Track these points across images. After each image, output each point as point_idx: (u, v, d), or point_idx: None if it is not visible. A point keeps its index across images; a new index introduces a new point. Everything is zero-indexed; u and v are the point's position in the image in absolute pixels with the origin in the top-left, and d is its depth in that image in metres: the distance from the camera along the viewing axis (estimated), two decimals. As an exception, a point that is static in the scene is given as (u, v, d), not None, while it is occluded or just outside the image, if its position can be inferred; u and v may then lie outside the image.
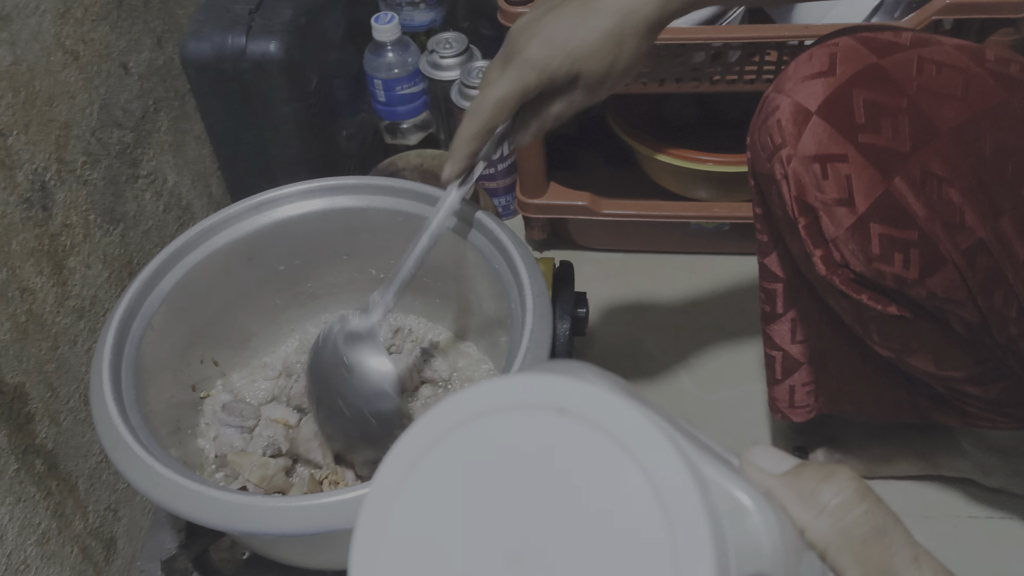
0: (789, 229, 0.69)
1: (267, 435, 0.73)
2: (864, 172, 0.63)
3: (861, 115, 0.63)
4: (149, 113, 0.91)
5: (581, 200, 1.17)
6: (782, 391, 0.87)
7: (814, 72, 0.65)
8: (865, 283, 0.67)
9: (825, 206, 0.65)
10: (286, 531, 0.54)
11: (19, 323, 0.72)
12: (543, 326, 0.63)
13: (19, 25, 0.71)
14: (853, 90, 0.63)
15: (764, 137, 0.68)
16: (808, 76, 0.65)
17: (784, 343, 0.83)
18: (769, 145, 0.67)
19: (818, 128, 0.64)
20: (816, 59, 0.66)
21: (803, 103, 0.65)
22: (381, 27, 1.15)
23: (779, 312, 0.81)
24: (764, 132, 0.68)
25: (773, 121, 0.66)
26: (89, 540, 0.81)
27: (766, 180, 0.69)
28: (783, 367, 0.84)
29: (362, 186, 0.75)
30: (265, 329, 0.79)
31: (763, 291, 0.81)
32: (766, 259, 0.78)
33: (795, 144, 0.65)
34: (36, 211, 0.74)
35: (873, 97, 0.63)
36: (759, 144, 0.69)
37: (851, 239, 0.65)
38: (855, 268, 0.66)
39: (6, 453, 0.70)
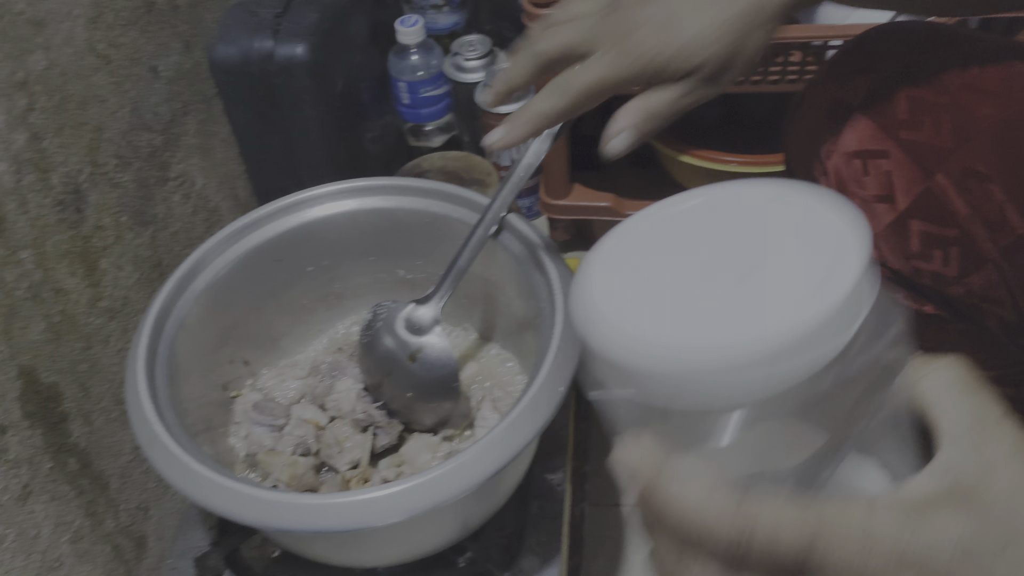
0: None
1: (297, 434, 0.73)
2: (905, 169, 0.62)
3: (904, 111, 0.63)
4: (177, 116, 0.92)
5: (605, 201, 1.17)
6: None
7: (855, 68, 0.65)
8: (901, 281, 0.66)
9: (865, 203, 0.64)
10: (320, 528, 0.55)
11: (53, 323, 0.73)
12: (573, 326, 0.63)
13: (52, 30, 0.72)
14: (895, 86, 0.63)
15: (802, 133, 0.68)
16: (849, 71, 0.65)
17: None
18: (806, 141, 0.67)
19: (859, 124, 0.63)
20: (857, 55, 0.66)
21: (844, 99, 0.64)
22: (405, 30, 1.16)
23: None
24: (802, 128, 0.68)
25: (811, 117, 0.66)
26: (120, 538, 0.82)
27: (803, 178, 0.69)
28: None
29: (390, 187, 0.75)
30: (294, 329, 0.80)
31: None
32: None
33: (835, 140, 0.64)
34: (69, 213, 0.75)
35: (915, 93, 0.62)
36: (796, 140, 0.69)
37: (891, 236, 0.64)
38: (893, 266, 0.65)
39: (41, 452, 0.71)
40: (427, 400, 0.73)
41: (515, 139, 0.59)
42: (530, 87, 0.61)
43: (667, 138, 1.14)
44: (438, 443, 0.73)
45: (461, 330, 0.82)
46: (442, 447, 0.73)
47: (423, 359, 0.71)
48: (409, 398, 0.73)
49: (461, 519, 0.66)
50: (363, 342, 0.74)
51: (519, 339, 0.77)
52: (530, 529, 0.72)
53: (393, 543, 0.65)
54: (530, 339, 0.73)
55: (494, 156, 1.21)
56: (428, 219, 0.75)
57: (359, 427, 0.74)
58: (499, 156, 1.22)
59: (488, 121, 1.18)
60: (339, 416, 0.75)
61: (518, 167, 0.68)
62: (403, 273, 0.80)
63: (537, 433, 0.58)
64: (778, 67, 0.99)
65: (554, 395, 0.59)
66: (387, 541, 0.64)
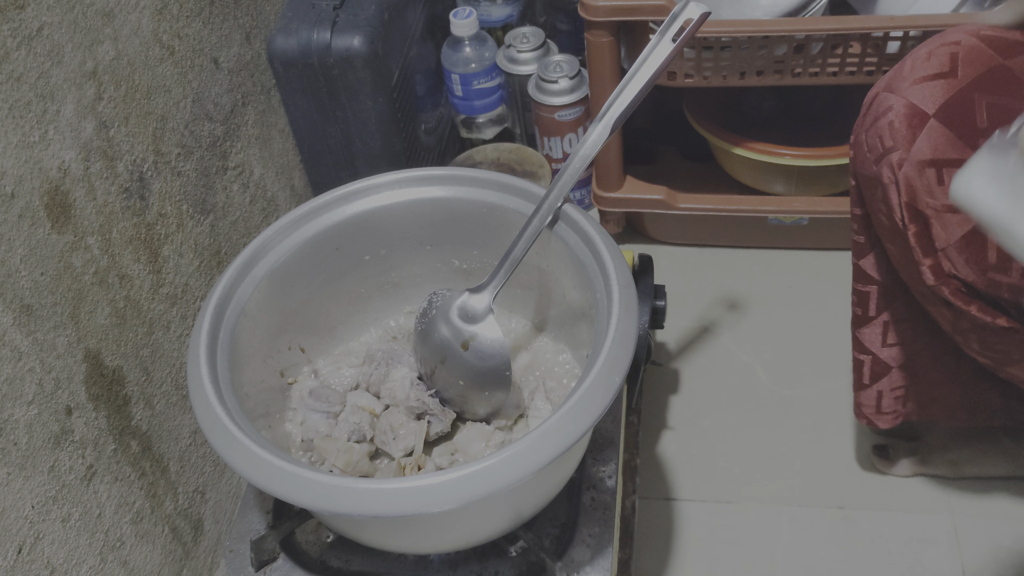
0: (892, 235, 0.67)
1: (352, 421, 0.74)
2: None
3: (983, 119, 0.60)
4: (238, 107, 0.94)
5: (657, 194, 1.16)
6: (869, 396, 0.85)
7: (933, 73, 0.63)
8: (975, 294, 0.64)
9: (937, 213, 0.62)
10: (377, 512, 0.55)
11: (118, 308, 0.74)
12: (629, 316, 0.63)
13: (121, 21, 0.73)
14: (976, 93, 0.61)
15: (872, 139, 0.66)
16: (926, 77, 0.63)
17: (874, 347, 0.81)
18: (878, 147, 0.65)
19: (935, 132, 0.61)
20: (935, 59, 0.63)
21: (919, 105, 0.62)
22: (459, 22, 1.16)
23: (871, 315, 0.79)
24: (873, 133, 0.66)
25: (884, 122, 0.64)
26: (179, 520, 0.84)
27: (870, 182, 0.67)
28: (871, 372, 0.83)
29: (447, 177, 0.76)
30: (351, 317, 0.81)
31: (856, 293, 0.79)
32: (861, 261, 0.76)
33: (908, 148, 0.62)
34: (135, 200, 0.76)
35: (997, 100, 0.60)
36: (866, 145, 0.67)
37: (965, 248, 0.62)
38: (966, 278, 0.63)
39: (105, 433, 0.73)
40: (480, 388, 0.73)
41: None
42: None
43: (721, 131, 1.13)
44: (491, 432, 0.73)
45: (515, 320, 0.83)
46: (495, 436, 0.73)
47: (476, 347, 0.72)
48: (462, 386, 0.73)
49: (514, 508, 0.66)
50: (418, 330, 0.75)
51: (573, 330, 0.77)
52: (582, 520, 0.73)
53: (446, 530, 0.65)
54: (584, 330, 0.73)
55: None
56: (484, 209, 0.75)
57: (413, 415, 0.74)
58: (551, 148, 1.22)
59: (540, 113, 1.18)
60: (393, 404, 0.76)
61: (575, 157, 0.68)
62: (458, 263, 0.80)
63: (592, 424, 0.58)
64: (836, 59, 0.98)
65: (610, 386, 0.59)
66: (441, 528, 0.65)
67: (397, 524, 0.62)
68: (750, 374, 1.11)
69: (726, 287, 1.21)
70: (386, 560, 0.72)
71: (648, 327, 0.93)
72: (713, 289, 1.21)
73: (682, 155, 1.27)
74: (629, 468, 0.96)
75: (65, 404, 0.68)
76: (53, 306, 0.66)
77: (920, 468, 0.98)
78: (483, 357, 0.72)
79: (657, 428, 1.07)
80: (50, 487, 0.67)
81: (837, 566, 0.94)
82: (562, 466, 0.68)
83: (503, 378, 0.72)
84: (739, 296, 1.20)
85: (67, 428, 0.68)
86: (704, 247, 1.25)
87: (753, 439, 1.05)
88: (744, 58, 0.99)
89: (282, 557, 0.72)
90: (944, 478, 0.98)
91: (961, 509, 0.96)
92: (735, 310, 1.18)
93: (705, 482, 1.02)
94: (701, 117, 1.15)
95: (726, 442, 1.05)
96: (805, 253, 1.23)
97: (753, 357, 1.12)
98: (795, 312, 1.17)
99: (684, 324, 1.17)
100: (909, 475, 0.98)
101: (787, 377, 1.10)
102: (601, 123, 0.68)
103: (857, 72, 0.98)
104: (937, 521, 0.95)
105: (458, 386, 0.73)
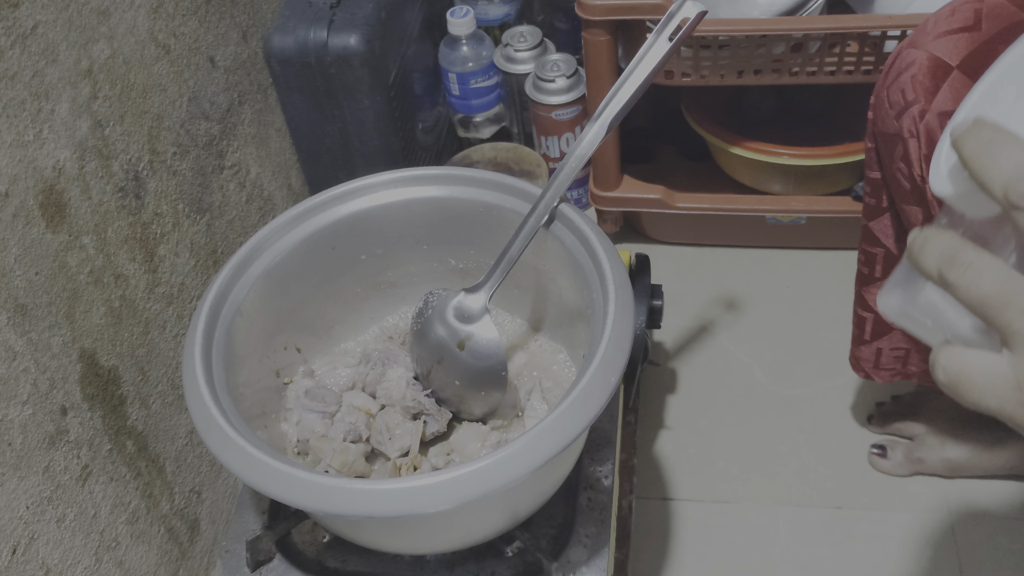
0: (911, 193, 0.67)
1: (348, 421, 0.74)
2: None
3: None
4: (234, 106, 0.94)
5: (655, 193, 1.16)
6: (869, 351, 0.85)
7: (957, 27, 0.63)
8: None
9: None
10: (372, 513, 0.55)
11: (113, 308, 0.74)
12: (625, 316, 0.63)
13: (117, 19, 0.73)
14: (1000, 46, 0.60)
15: (895, 94, 0.65)
16: (950, 31, 0.63)
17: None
18: (900, 101, 0.65)
19: (958, 83, 0.61)
20: (959, 14, 0.63)
21: (943, 57, 0.62)
22: (456, 21, 1.16)
23: (877, 276, 0.79)
24: (896, 88, 0.65)
25: (907, 76, 0.64)
26: (175, 520, 0.84)
27: (890, 140, 0.67)
28: (873, 329, 0.83)
29: (444, 176, 0.75)
30: (347, 317, 0.81)
31: (863, 253, 0.79)
32: (872, 222, 0.76)
33: (930, 99, 0.62)
34: (130, 200, 0.76)
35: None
36: (888, 101, 0.66)
37: None
38: None
39: (100, 433, 0.73)
40: (476, 388, 0.73)
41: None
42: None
43: (719, 130, 1.13)
44: (487, 432, 0.73)
45: (512, 320, 0.82)
46: (491, 436, 0.73)
47: (472, 347, 0.72)
48: (458, 386, 0.73)
49: (511, 508, 0.66)
50: (414, 329, 0.75)
51: (570, 330, 0.77)
52: (579, 520, 0.72)
53: (442, 530, 0.65)
54: (581, 330, 0.73)
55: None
56: (481, 208, 0.75)
57: (409, 415, 0.74)
58: (549, 147, 1.22)
59: (537, 112, 1.18)
60: (389, 404, 0.75)
61: (572, 156, 0.68)
62: (455, 262, 0.80)
63: (588, 424, 0.58)
64: (834, 58, 0.98)
65: (606, 386, 0.59)
66: (436, 528, 0.65)
67: (393, 525, 0.62)
68: (748, 374, 1.11)
69: (724, 287, 1.21)
70: (382, 560, 0.72)
71: (645, 327, 0.93)
72: (711, 289, 1.21)
73: (680, 154, 1.26)
74: (626, 468, 0.95)
75: (60, 404, 0.68)
76: (48, 306, 0.66)
77: (918, 468, 0.98)
78: (479, 357, 0.72)
79: (655, 428, 1.07)
80: (45, 487, 0.67)
81: (834, 566, 0.93)
82: (558, 466, 0.68)
83: (499, 378, 0.72)
84: (737, 296, 1.20)
85: (62, 428, 0.68)
86: (702, 247, 1.25)
87: (751, 439, 1.05)
88: (742, 57, 0.99)
89: (278, 557, 0.72)
90: (942, 478, 0.98)
91: (959, 509, 0.96)
92: (733, 310, 1.18)
93: (703, 482, 1.02)
94: (699, 116, 1.15)
95: (724, 442, 1.05)
96: (803, 252, 1.23)
97: (751, 357, 1.12)
98: (793, 312, 1.17)
99: (682, 324, 1.17)
100: (907, 474, 0.98)
101: (785, 377, 1.10)
102: (597, 123, 0.68)
103: (855, 71, 0.98)
104: (935, 521, 0.95)
105: (454, 386, 0.73)
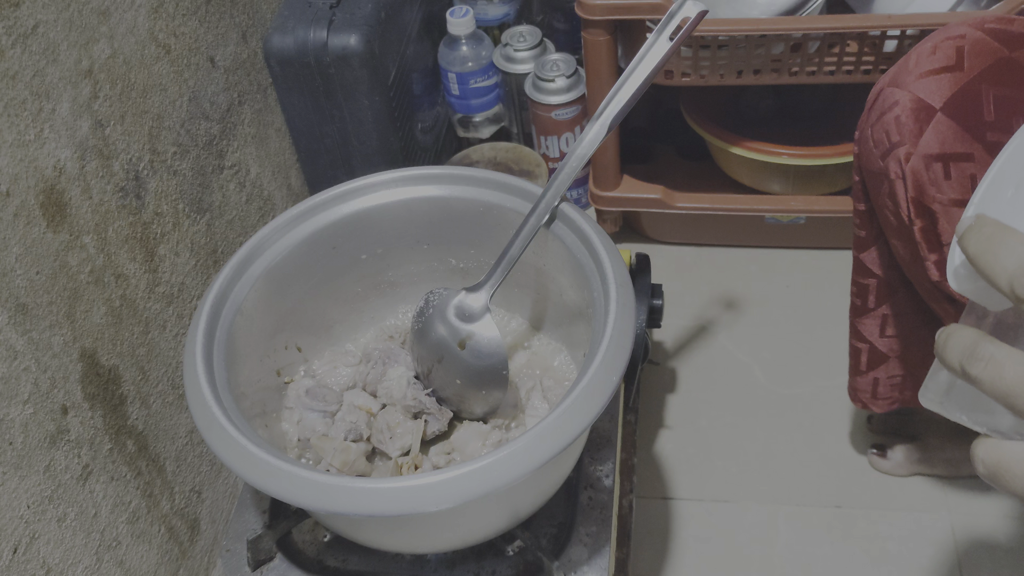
0: (898, 230, 0.67)
1: (349, 420, 0.74)
2: None
3: (991, 112, 0.60)
4: (234, 106, 0.94)
5: (654, 193, 1.16)
6: (865, 382, 0.85)
7: (939, 66, 0.62)
8: None
9: (944, 208, 0.62)
10: (373, 512, 0.55)
11: (114, 307, 0.74)
12: (626, 315, 0.63)
13: (117, 19, 0.73)
14: (983, 86, 0.60)
15: (879, 133, 0.65)
16: (932, 71, 0.62)
17: (872, 337, 0.81)
18: (885, 142, 0.65)
19: (942, 126, 0.61)
20: (941, 52, 0.63)
21: (926, 99, 0.62)
22: (456, 21, 1.16)
23: (870, 307, 0.79)
24: (879, 128, 0.65)
25: (891, 117, 0.64)
26: (175, 520, 0.84)
27: (876, 178, 0.67)
28: (869, 360, 0.83)
29: (444, 176, 0.75)
30: (347, 317, 0.81)
31: (855, 285, 0.79)
32: (862, 255, 0.76)
33: (915, 142, 0.62)
34: (130, 199, 0.76)
35: (1004, 93, 0.60)
36: (872, 140, 0.66)
37: None
38: None
39: (101, 433, 0.73)
40: (476, 387, 0.73)
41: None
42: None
43: (719, 130, 1.13)
44: (488, 431, 0.73)
45: (513, 319, 0.82)
46: (492, 435, 0.73)
47: (472, 346, 0.72)
48: (459, 385, 0.73)
49: (511, 508, 0.66)
50: (415, 328, 0.75)
51: (570, 329, 0.77)
52: (579, 519, 0.72)
53: (443, 529, 0.65)
54: (581, 329, 0.73)
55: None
56: (481, 208, 0.75)
57: (410, 414, 0.74)
58: (548, 147, 1.22)
59: (537, 112, 1.18)
60: (390, 403, 0.75)
61: (572, 156, 0.68)
62: (455, 262, 0.80)
63: (589, 423, 0.58)
64: (834, 58, 0.98)
65: (607, 386, 0.59)
66: (437, 527, 0.65)
67: (393, 523, 0.62)
68: (748, 373, 1.11)
69: (723, 286, 1.21)
70: (383, 560, 0.72)
71: (645, 326, 0.93)
72: (710, 288, 1.21)
73: (679, 154, 1.27)
74: (627, 467, 0.96)
75: (61, 403, 0.68)
76: (48, 305, 0.66)
77: (918, 467, 0.98)
78: (480, 356, 0.72)
79: (655, 427, 1.07)
80: (46, 487, 0.67)
81: (834, 565, 0.93)
82: (559, 465, 0.68)
83: (500, 377, 0.72)
84: (736, 295, 1.20)
85: (63, 427, 0.68)
86: (701, 246, 1.25)
87: (750, 438, 1.05)
88: (741, 57, 0.99)
89: (279, 556, 0.72)
90: (942, 477, 0.98)
91: (958, 508, 0.96)
92: (732, 309, 1.18)
93: (702, 481, 1.02)
94: (698, 116, 1.15)
95: (723, 441, 1.05)
96: (802, 252, 1.23)
97: (751, 356, 1.12)
98: (792, 311, 1.17)
99: (681, 323, 1.17)
100: (907, 474, 0.98)
101: (785, 376, 1.10)
102: (598, 122, 0.68)
103: (854, 71, 0.98)
104: (934, 520, 0.95)
105: (455, 385, 0.73)
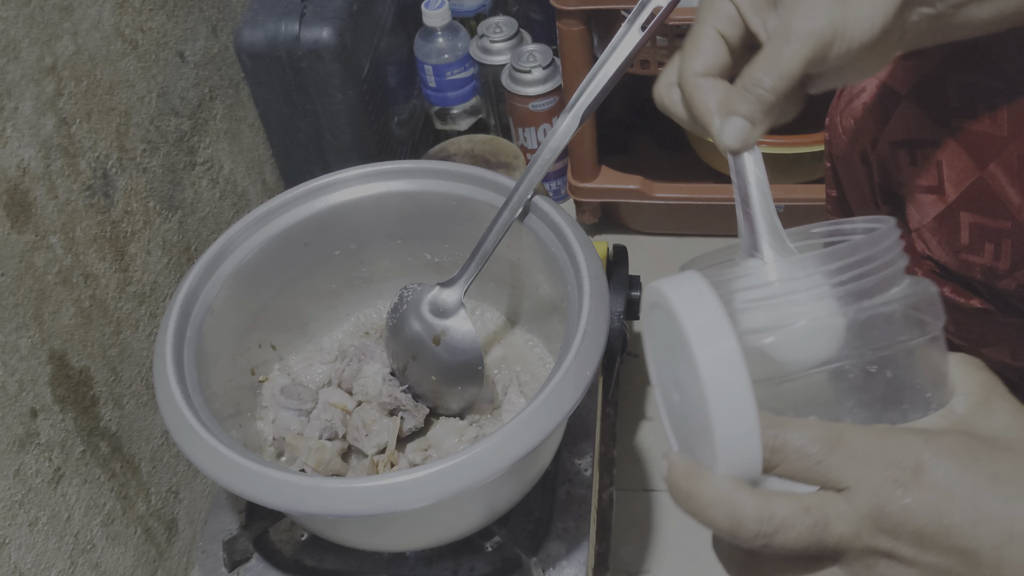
0: (865, 213, 0.67)
1: (324, 418, 0.73)
2: (956, 158, 0.59)
3: (955, 98, 0.60)
4: (205, 101, 0.93)
5: (633, 184, 1.16)
6: None
7: (903, 52, 0.62)
8: (949, 275, 0.64)
9: (911, 194, 0.62)
10: (348, 512, 0.55)
11: (83, 308, 0.73)
12: (600, 309, 0.62)
13: (80, 15, 0.72)
14: (947, 73, 0.60)
15: (847, 120, 0.65)
16: (898, 57, 0.62)
17: None
18: (852, 128, 0.65)
19: (907, 112, 0.60)
20: None
21: (892, 85, 0.61)
22: (431, 12, 1.15)
23: None
24: (847, 114, 0.65)
25: (858, 103, 0.63)
26: (152, 521, 0.83)
27: (845, 164, 0.67)
28: None
29: (416, 170, 0.75)
30: (321, 314, 0.80)
31: None
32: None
33: (881, 128, 0.62)
34: (98, 198, 0.75)
35: (969, 79, 0.59)
36: (841, 127, 0.66)
37: (938, 229, 0.61)
38: (939, 259, 0.63)
39: (72, 435, 0.72)
40: (452, 383, 0.73)
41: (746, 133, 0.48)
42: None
43: (696, 120, 1.12)
44: (465, 427, 0.73)
45: (488, 314, 0.82)
46: (469, 431, 0.72)
47: (447, 342, 0.71)
48: (434, 381, 0.73)
49: (488, 503, 0.66)
50: (389, 325, 0.74)
51: (546, 323, 0.76)
52: (558, 514, 0.72)
53: (420, 527, 0.65)
54: (557, 323, 0.72)
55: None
56: (454, 202, 0.74)
57: (386, 411, 0.74)
58: (526, 139, 1.21)
59: (514, 103, 1.17)
60: (366, 400, 0.75)
61: (545, 148, 0.67)
62: (430, 256, 0.79)
63: (564, 417, 0.57)
64: (810, 46, 0.97)
65: (582, 379, 0.59)
66: (414, 525, 0.64)
67: (370, 523, 0.62)
68: (728, 363, 1.10)
69: (703, 276, 1.20)
70: (361, 558, 0.71)
71: (624, 318, 0.92)
72: (690, 278, 1.20)
73: (657, 144, 1.26)
74: (606, 460, 0.95)
75: (30, 406, 0.67)
76: (15, 307, 0.65)
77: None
78: (455, 352, 0.71)
79: (635, 419, 1.06)
80: (16, 491, 0.66)
81: (815, 554, 0.93)
82: (535, 460, 0.67)
83: (475, 372, 0.71)
84: (716, 285, 1.20)
85: (32, 431, 0.67)
86: (681, 236, 1.25)
87: (731, 428, 1.04)
88: (717, 46, 0.98)
89: (256, 557, 0.71)
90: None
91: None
92: (712, 299, 1.18)
93: (683, 472, 1.01)
94: (676, 106, 1.15)
95: (704, 432, 1.05)
96: (781, 241, 1.23)
97: (730, 346, 1.12)
98: (772, 300, 1.17)
99: (661, 314, 1.16)
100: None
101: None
102: (571, 114, 0.67)
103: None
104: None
105: (431, 381, 0.73)
